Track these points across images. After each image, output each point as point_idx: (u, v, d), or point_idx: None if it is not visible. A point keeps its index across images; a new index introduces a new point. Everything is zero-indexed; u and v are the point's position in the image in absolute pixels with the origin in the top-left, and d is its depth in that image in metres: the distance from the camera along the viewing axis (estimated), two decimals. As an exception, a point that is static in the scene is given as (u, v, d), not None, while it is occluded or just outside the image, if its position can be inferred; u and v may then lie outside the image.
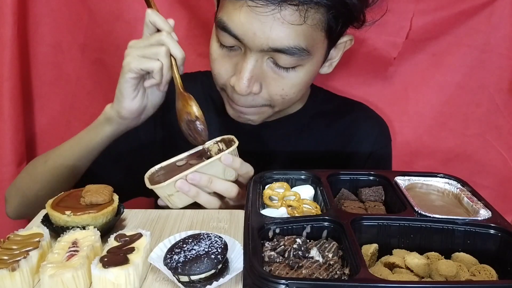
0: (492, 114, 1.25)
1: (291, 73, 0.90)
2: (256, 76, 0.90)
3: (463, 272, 0.64)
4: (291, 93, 0.93)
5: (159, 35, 0.89)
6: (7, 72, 1.20)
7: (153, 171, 0.89)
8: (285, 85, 0.91)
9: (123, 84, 0.90)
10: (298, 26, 0.83)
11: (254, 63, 0.88)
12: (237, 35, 0.86)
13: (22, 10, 1.22)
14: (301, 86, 0.94)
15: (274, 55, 0.87)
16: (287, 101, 0.95)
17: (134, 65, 0.87)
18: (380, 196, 0.83)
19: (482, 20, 1.17)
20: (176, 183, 0.82)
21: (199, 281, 0.62)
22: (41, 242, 0.66)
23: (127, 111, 0.93)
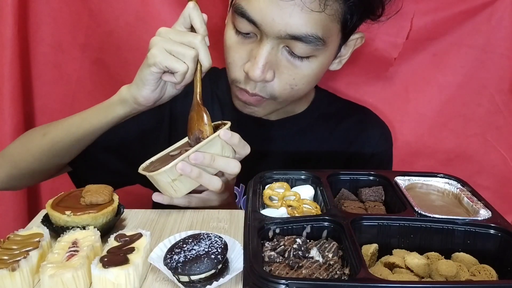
0: (493, 114, 1.25)
1: (305, 63, 0.90)
2: (270, 64, 0.90)
3: (463, 272, 0.64)
4: (301, 84, 0.93)
5: (193, 37, 0.84)
6: (8, 72, 1.20)
7: (147, 164, 0.87)
8: (297, 75, 0.91)
9: (146, 74, 0.86)
10: (316, 14, 0.84)
11: (270, 50, 0.88)
12: (255, 21, 0.86)
13: (22, 10, 1.22)
14: (312, 78, 0.94)
15: (289, 43, 0.87)
16: (294, 93, 0.95)
17: (159, 59, 0.83)
18: (380, 196, 0.83)
19: (482, 20, 1.17)
20: (177, 166, 0.79)
21: (199, 281, 0.62)
22: (41, 242, 0.66)
23: (145, 99, 0.90)
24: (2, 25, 1.18)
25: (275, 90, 0.93)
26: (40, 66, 1.31)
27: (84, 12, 1.27)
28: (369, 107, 1.19)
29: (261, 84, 0.93)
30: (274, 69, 0.91)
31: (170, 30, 0.85)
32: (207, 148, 0.82)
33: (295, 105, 1.09)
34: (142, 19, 1.27)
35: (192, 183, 0.84)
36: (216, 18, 1.21)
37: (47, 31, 1.29)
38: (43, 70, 1.32)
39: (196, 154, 0.80)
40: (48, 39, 1.29)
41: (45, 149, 0.98)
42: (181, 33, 0.85)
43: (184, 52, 0.83)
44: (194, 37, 0.84)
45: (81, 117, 0.97)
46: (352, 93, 1.28)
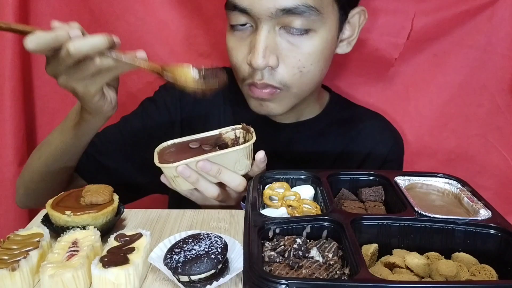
0: (494, 115, 1.25)
1: (305, 40, 0.90)
2: (271, 48, 0.89)
3: (463, 272, 0.64)
4: (308, 64, 0.92)
5: (73, 49, 0.71)
6: (9, 71, 1.20)
7: (164, 146, 0.89)
8: (302, 55, 0.90)
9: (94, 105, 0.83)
10: None
11: (267, 34, 0.88)
12: (245, 7, 0.87)
13: (23, 10, 1.22)
14: (318, 57, 0.92)
15: (284, 21, 0.87)
16: (305, 78, 0.93)
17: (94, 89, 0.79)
18: (380, 196, 0.83)
19: (483, 21, 1.17)
20: (178, 168, 0.81)
21: (199, 281, 0.62)
22: (41, 242, 0.66)
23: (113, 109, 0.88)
24: (2, 26, 1.18)
25: (284, 76, 0.92)
26: (41, 66, 1.30)
27: (84, 12, 1.27)
28: (369, 107, 1.19)
29: (268, 73, 0.91)
30: (277, 54, 0.90)
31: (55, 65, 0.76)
32: (220, 158, 0.83)
33: (308, 108, 1.09)
34: (142, 19, 1.28)
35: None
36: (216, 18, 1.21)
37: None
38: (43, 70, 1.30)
39: (205, 163, 0.82)
40: (48, 39, 1.29)
41: (44, 170, 0.99)
42: (61, 60, 0.74)
43: (93, 69, 0.75)
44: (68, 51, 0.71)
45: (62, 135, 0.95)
46: (352, 93, 1.28)
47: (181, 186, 0.86)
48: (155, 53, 1.32)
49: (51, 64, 0.76)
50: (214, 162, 0.83)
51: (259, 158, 0.87)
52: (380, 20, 1.19)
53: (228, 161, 0.84)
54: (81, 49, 0.72)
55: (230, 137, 0.92)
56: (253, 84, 0.94)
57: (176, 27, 1.29)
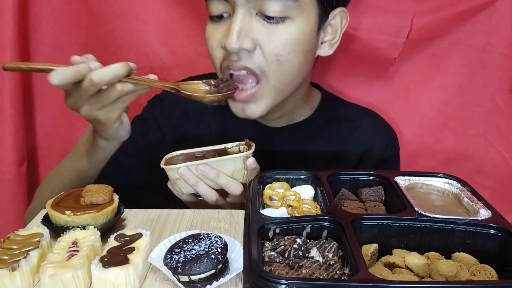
0: (493, 114, 1.25)
1: (282, 27, 0.89)
2: (246, 31, 0.89)
3: (463, 272, 0.64)
4: (286, 53, 0.90)
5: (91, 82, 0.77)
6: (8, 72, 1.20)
7: (173, 155, 0.94)
8: (279, 42, 0.90)
9: (113, 131, 0.88)
10: None
11: (243, 17, 0.88)
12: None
13: (23, 10, 1.22)
14: (295, 46, 0.91)
15: (261, 5, 0.87)
16: (284, 67, 0.92)
17: (115, 116, 0.84)
18: (380, 196, 0.83)
19: (482, 20, 1.17)
20: (179, 170, 0.86)
21: (199, 281, 0.62)
22: (41, 242, 0.66)
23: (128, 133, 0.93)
24: (2, 25, 1.18)
25: (262, 61, 0.91)
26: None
27: (84, 12, 1.27)
28: (369, 107, 1.19)
29: (245, 55, 0.90)
30: (253, 38, 0.89)
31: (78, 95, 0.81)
32: (218, 164, 0.88)
33: (299, 110, 1.09)
34: (142, 19, 1.28)
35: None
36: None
37: (47, 31, 1.29)
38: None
39: (204, 166, 0.87)
40: (48, 39, 1.30)
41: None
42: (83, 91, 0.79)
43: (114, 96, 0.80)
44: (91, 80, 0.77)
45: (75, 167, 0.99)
46: (352, 93, 1.28)
47: (181, 188, 0.90)
48: (155, 53, 1.32)
49: (72, 97, 0.82)
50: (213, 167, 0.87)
51: (249, 164, 0.88)
52: (380, 20, 1.19)
53: (227, 169, 0.89)
54: (103, 78, 0.77)
55: (234, 152, 0.95)
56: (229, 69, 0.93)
57: (176, 27, 1.29)
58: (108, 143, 0.94)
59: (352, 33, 1.20)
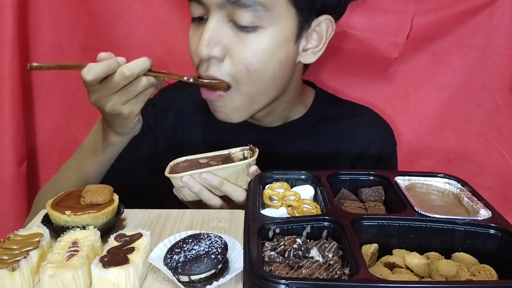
0: (493, 115, 1.25)
1: (253, 37, 0.88)
2: (216, 39, 0.88)
3: (463, 272, 0.64)
4: (256, 63, 0.89)
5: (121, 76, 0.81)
6: (8, 72, 1.20)
7: (178, 161, 0.95)
8: (248, 51, 0.88)
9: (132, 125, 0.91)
10: None
11: (214, 24, 0.88)
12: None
13: (22, 10, 1.22)
14: (266, 56, 0.89)
15: (233, 14, 0.86)
16: (253, 77, 0.91)
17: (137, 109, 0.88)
18: (380, 196, 0.83)
19: (483, 20, 1.17)
20: (183, 178, 0.86)
21: (199, 281, 0.62)
22: (41, 242, 0.66)
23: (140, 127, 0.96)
24: (2, 25, 1.18)
25: (231, 70, 0.90)
26: (40, 66, 1.31)
27: (84, 12, 1.27)
28: (370, 107, 1.19)
29: (214, 64, 0.90)
30: (223, 46, 0.89)
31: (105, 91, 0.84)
32: (222, 171, 0.88)
33: (293, 109, 1.08)
34: (142, 19, 1.28)
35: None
36: None
37: (47, 31, 1.29)
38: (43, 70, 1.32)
39: (207, 174, 0.87)
40: (48, 39, 1.30)
41: None
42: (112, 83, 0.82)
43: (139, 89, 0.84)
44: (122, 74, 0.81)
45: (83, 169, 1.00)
46: (352, 93, 1.28)
47: (186, 195, 0.90)
48: (155, 53, 1.31)
49: (98, 92, 0.84)
50: (216, 175, 0.88)
51: (252, 172, 0.89)
52: (380, 20, 1.20)
53: (230, 176, 0.89)
54: (134, 71, 0.81)
55: (239, 157, 0.96)
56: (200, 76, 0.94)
57: (175, 27, 1.29)
58: (122, 138, 0.95)
59: (352, 33, 1.20)
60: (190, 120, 1.11)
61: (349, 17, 1.19)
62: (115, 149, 0.98)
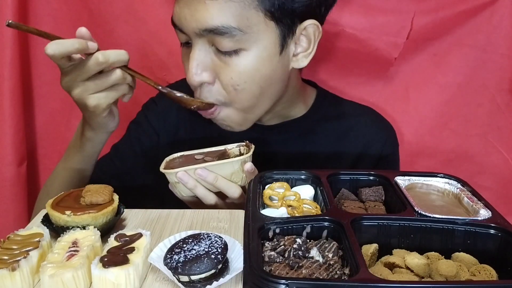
0: (494, 115, 1.25)
1: (235, 59, 0.88)
2: (204, 65, 0.89)
3: (463, 272, 0.64)
4: (242, 82, 0.90)
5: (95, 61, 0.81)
6: (8, 71, 1.20)
7: (174, 156, 0.95)
8: (233, 73, 0.89)
9: (101, 120, 0.90)
10: (222, 4, 0.83)
11: (198, 52, 0.88)
12: (176, 25, 0.89)
13: (22, 10, 1.22)
14: (251, 75, 0.90)
15: (213, 40, 0.87)
16: (243, 94, 0.91)
17: (105, 103, 0.86)
18: (380, 196, 0.83)
19: (483, 20, 1.17)
20: (177, 174, 0.87)
21: (199, 281, 0.62)
22: (41, 242, 0.66)
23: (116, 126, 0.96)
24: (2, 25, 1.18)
25: (221, 93, 0.92)
26: (40, 66, 1.31)
27: (84, 12, 1.27)
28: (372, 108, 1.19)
29: (205, 89, 0.92)
30: (212, 70, 0.90)
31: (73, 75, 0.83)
32: (217, 168, 0.88)
33: (293, 108, 1.08)
34: (142, 19, 1.28)
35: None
36: None
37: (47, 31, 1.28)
38: (43, 69, 1.32)
39: (202, 170, 0.87)
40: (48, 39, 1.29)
41: None
42: (83, 68, 0.82)
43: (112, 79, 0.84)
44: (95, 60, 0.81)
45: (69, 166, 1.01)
46: (352, 93, 1.28)
47: (181, 191, 0.91)
48: (154, 53, 1.32)
49: (69, 76, 0.83)
50: (211, 171, 0.88)
51: (247, 169, 0.89)
52: (380, 20, 1.19)
53: (225, 172, 0.89)
54: (108, 57, 0.81)
55: (235, 153, 0.96)
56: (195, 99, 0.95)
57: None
58: (96, 133, 0.95)
59: (352, 33, 1.20)
60: (191, 119, 1.11)
61: (349, 17, 1.19)
62: (92, 145, 0.98)
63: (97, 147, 0.99)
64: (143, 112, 1.16)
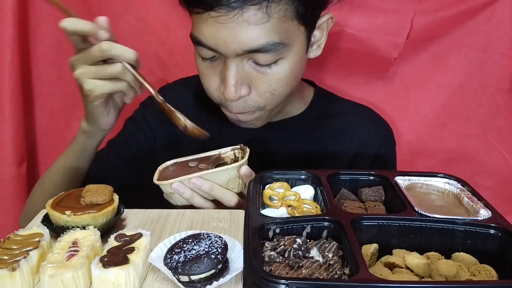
0: (493, 115, 1.25)
1: (274, 68, 0.89)
2: (241, 80, 0.90)
3: (463, 272, 0.64)
4: (279, 87, 0.92)
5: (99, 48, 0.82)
6: (8, 72, 1.21)
7: (167, 164, 0.93)
8: (271, 81, 0.91)
9: (94, 109, 0.90)
10: (265, 24, 0.83)
11: (236, 68, 0.88)
12: (211, 47, 0.87)
13: (22, 10, 1.22)
14: (289, 78, 0.92)
15: (252, 56, 0.87)
16: (278, 97, 0.94)
17: (99, 91, 0.86)
18: (380, 196, 0.83)
19: (483, 20, 1.17)
20: (172, 185, 0.85)
21: (199, 281, 0.62)
22: (41, 242, 0.66)
23: (108, 125, 0.95)
24: (2, 25, 1.18)
25: (257, 101, 0.93)
26: (41, 66, 1.31)
27: (84, 12, 1.27)
28: (370, 107, 1.19)
29: (240, 101, 0.93)
30: (248, 82, 0.91)
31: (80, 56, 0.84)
32: (212, 176, 0.86)
33: (292, 106, 1.08)
34: (142, 19, 1.28)
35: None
36: None
37: (47, 31, 1.29)
38: (43, 69, 1.32)
39: (197, 179, 0.85)
40: (48, 39, 1.30)
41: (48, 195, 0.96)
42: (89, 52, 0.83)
43: (110, 71, 0.84)
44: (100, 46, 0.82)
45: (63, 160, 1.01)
46: (352, 93, 1.28)
47: (177, 201, 0.89)
48: (155, 53, 1.32)
49: (77, 55, 0.85)
50: (207, 179, 0.86)
51: (243, 173, 0.88)
52: (380, 20, 1.20)
53: (221, 180, 0.87)
54: (112, 48, 0.82)
55: (230, 157, 0.95)
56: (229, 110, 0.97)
57: (176, 27, 1.29)
58: (88, 125, 0.95)
59: (352, 33, 1.20)
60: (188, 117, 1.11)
61: (349, 17, 1.20)
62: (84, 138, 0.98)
63: (89, 143, 0.98)
64: (140, 110, 1.16)
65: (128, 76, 0.86)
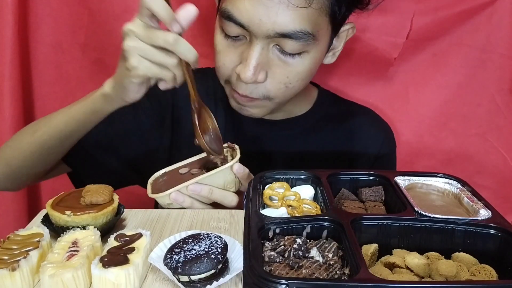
0: (493, 114, 1.25)
1: (297, 60, 0.89)
2: (262, 64, 0.89)
3: (463, 272, 0.64)
4: (295, 81, 0.92)
5: (166, 38, 0.75)
6: (8, 72, 1.20)
7: (157, 176, 0.91)
8: (290, 73, 0.91)
9: (127, 84, 0.82)
10: (303, 10, 0.83)
11: (260, 51, 0.87)
12: (242, 23, 0.85)
13: (22, 10, 1.22)
14: (305, 74, 0.93)
15: (280, 41, 0.87)
16: (289, 92, 0.94)
17: (142, 72, 0.78)
18: (380, 196, 0.83)
19: (482, 20, 1.17)
20: (170, 195, 0.83)
21: (199, 281, 0.62)
22: (41, 242, 0.66)
23: (133, 99, 0.87)
24: (2, 25, 1.18)
25: (269, 90, 0.93)
26: (40, 66, 1.31)
27: (84, 12, 1.27)
28: (369, 107, 1.19)
29: (252, 86, 0.92)
30: (267, 69, 0.90)
31: (140, 30, 0.77)
32: (209, 179, 0.85)
33: (297, 105, 1.09)
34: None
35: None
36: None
37: (47, 31, 1.29)
38: (43, 70, 1.32)
39: (195, 186, 0.84)
40: (48, 39, 1.29)
41: (35, 147, 0.95)
42: (153, 33, 0.76)
43: (164, 61, 0.78)
44: (166, 36, 0.75)
45: (67, 114, 0.93)
46: (352, 93, 1.28)
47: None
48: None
49: (138, 28, 0.77)
50: (204, 184, 0.85)
51: (236, 171, 0.86)
52: (380, 20, 1.20)
53: (217, 182, 0.86)
54: (175, 45, 0.75)
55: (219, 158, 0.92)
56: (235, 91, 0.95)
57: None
58: (113, 93, 0.86)
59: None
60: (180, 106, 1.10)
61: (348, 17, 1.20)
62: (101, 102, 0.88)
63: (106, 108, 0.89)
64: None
65: (178, 71, 0.80)
